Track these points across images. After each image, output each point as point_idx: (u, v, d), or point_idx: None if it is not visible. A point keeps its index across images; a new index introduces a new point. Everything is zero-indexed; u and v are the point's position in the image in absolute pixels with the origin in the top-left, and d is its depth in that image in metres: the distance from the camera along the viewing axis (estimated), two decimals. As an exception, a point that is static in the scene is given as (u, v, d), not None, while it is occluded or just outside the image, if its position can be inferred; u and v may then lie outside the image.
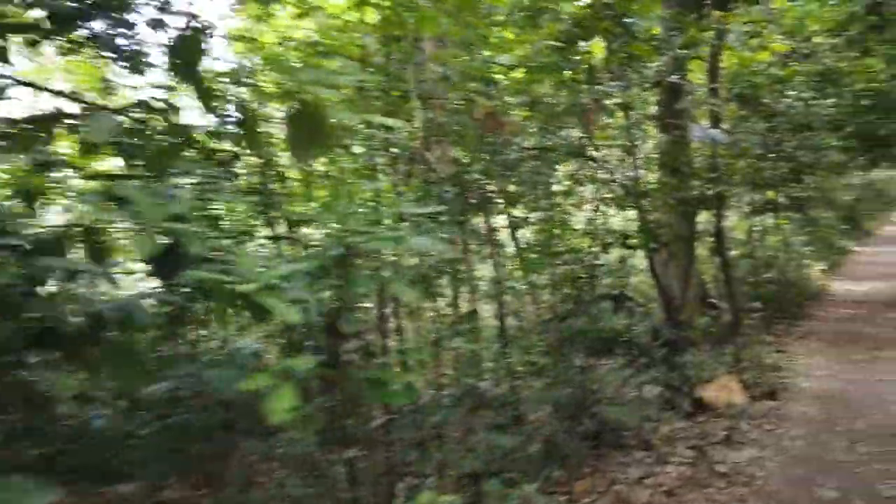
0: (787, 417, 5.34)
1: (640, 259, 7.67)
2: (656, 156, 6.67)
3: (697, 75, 8.18)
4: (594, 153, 6.01)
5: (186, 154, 2.32)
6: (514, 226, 7.21)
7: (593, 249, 6.36)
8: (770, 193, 12.00)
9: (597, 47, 5.65)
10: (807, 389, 6.30)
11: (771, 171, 10.65)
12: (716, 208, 6.77)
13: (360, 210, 2.51)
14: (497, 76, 4.77)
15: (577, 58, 4.89)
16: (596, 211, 6.52)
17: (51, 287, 1.85)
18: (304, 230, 3.01)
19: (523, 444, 4.59)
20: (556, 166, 5.99)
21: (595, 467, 4.39)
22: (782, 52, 11.85)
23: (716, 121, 6.65)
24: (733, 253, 12.40)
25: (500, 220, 7.37)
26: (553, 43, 5.00)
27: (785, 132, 10.28)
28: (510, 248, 7.01)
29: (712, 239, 7.36)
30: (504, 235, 7.12)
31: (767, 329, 9.56)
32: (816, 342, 9.11)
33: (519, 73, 5.05)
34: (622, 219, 7.07)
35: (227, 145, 2.74)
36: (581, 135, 5.76)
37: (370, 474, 3.22)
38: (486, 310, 7.69)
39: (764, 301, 10.48)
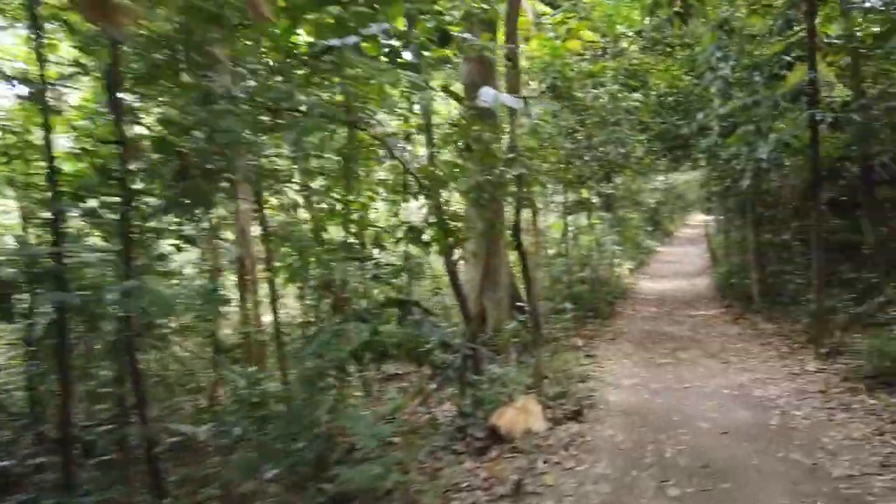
0: (592, 447, 4.42)
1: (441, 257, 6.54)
2: (449, 131, 5.53)
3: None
4: (366, 120, 4.68)
5: None
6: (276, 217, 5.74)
7: (366, 244, 5.06)
8: (583, 192, 11.86)
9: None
10: (614, 404, 5.53)
11: (583, 167, 10.36)
12: (516, 197, 5.76)
13: None
14: None
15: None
16: (375, 199, 5.24)
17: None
18: None
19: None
20: (316, 137, 4.54)
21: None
22: (594, 50, 11.65)
23: (513, 88, 5.66)
24: (551, 251, 12.02)
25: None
26: None
27: (593, 126, 9.94)
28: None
29: (510, 233, 6.39)
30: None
31: (578, 331, 9.04)
32: (624, 343, 8.69)
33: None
34: (411, 209, 5.87)
35: None
36: (346, 95, 4.38)
37: None
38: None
39: (576, 301, 10.05)
